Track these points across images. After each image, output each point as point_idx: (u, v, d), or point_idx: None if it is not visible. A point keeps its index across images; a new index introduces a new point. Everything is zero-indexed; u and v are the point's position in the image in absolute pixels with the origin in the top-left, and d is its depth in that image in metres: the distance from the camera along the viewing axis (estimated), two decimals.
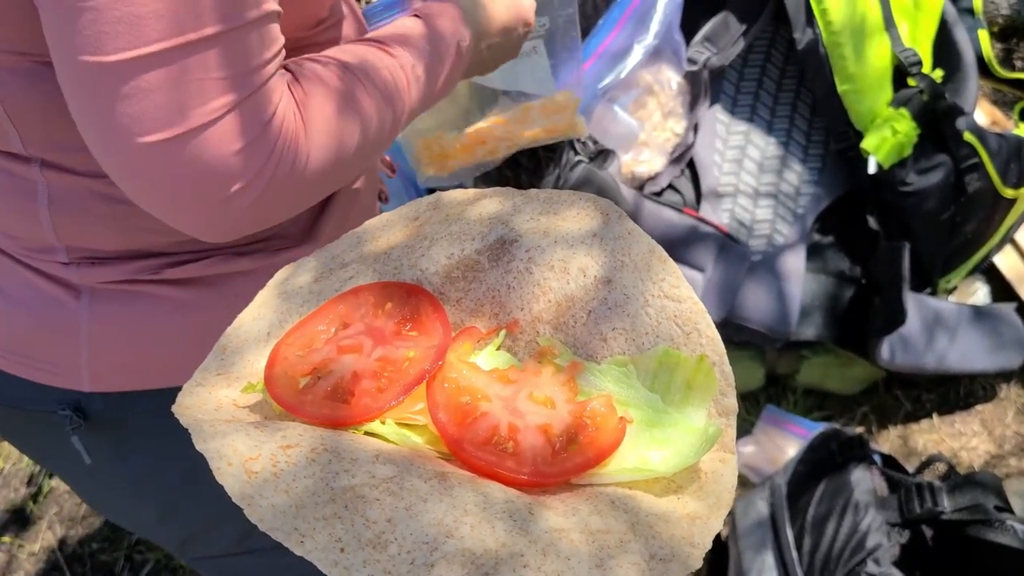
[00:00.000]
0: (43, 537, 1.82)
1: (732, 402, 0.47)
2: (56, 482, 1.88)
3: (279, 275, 0.54)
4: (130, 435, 0.85)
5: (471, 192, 0.55)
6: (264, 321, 0.52)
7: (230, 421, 0.45)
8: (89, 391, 0.81)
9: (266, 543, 0.99)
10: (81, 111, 0.60)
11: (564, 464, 0.44)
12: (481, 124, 1.12)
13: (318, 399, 0.47)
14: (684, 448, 0.44)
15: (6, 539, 1.82)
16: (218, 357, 0.51)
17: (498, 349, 0.50)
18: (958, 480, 1.26)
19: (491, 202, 0.54)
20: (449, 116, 1.12)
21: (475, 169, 1.16)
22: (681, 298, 0.48)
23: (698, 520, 0.42)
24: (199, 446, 0.42)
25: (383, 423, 0.46)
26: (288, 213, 0.69)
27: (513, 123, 1.11)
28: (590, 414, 0.45)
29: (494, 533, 0.39)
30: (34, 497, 1.86)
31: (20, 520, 1.85)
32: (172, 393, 0.82)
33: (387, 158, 1.16)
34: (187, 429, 0.44)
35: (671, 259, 0.49)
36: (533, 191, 0.54)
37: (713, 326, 0.48)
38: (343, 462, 0.41)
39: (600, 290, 0.49)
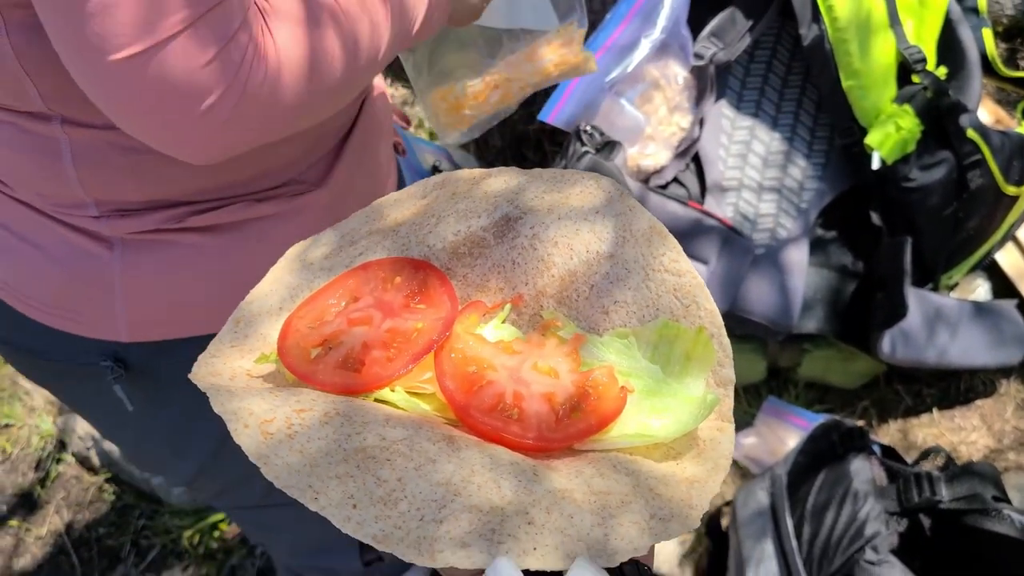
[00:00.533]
0: (50, 521, 1.84)
1: (730, 373, 0.48)
2: (64, 467, 1.90)
3: (291, 251, 0.56)
4: (167, 384, 0.88)
5: (478, 171, 0.57)
6: (276, 295, 0.53)
7: (246, 388, 0.47)
8: (127, 341, 0.84)
9: (287, 496, 1.03)
10: (56, 37, 0.62)
11: (567, 430, 0.45)
12: (491, 70, 1.12)
13: (330, 368, 0.48)
14: (683, 416, 0.46)
15: (14, 523, 1.84)
16: (232, 329, 0.52)
17: (503, 322, 0.52)
18: (956, 470, 1.27)
19: (497, 180, 0.55)
20: (461, 66, 1.12)
21: (492, 119, 1.16)
22: (681, 272, 0.50)
23: (696, 483, 0.44)
24: (217, 409, 0.44)
25: (393, 391, 0.48)
26: (270, 133, 0.70)
27: (522, 63, 1.10)
28: (592, 383, 0.47)
29: (500, 491, 0.40)
30: (42, 482, 1.88)
31: (28, 504, 1.86)
32: (204, 341, 0.86)
33: (400, 110, 1.17)
34: None
35: (671, 235, 0.51)
36: (538, 170, 0.56)
37: (711, 299, 0.49)
38: (355, 425, 0.43)
39: (602, 265, 0.51)
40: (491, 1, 0.94)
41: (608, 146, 1.48)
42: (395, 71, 2.24)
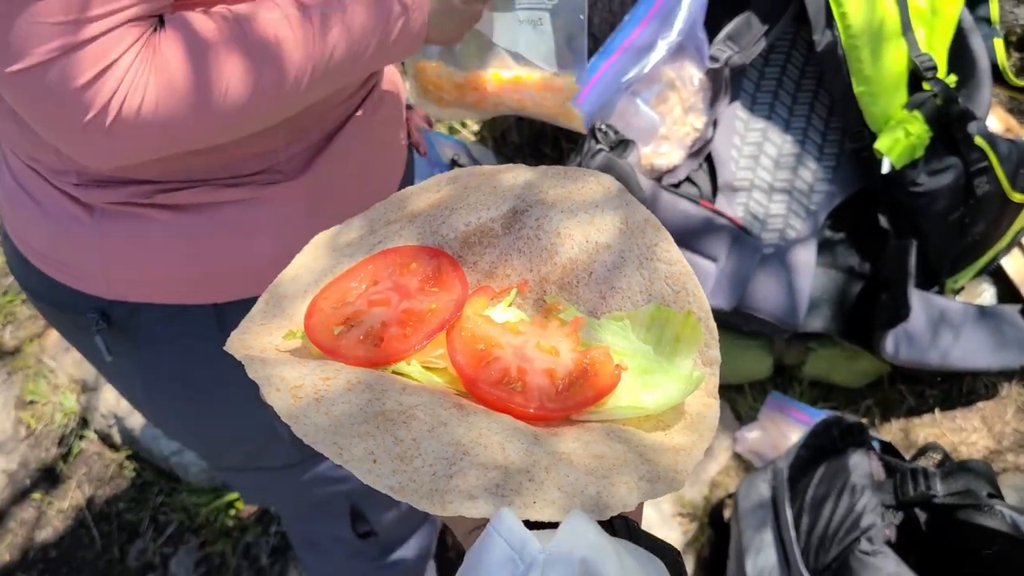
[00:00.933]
0: (72, 496, 1.88)
1: (715, 353, 0.53)
2: (86, 444, 1.95)
3: (318, 237, 0.61)
4: (143, 342, 0.94)
5: (489, 168, 0.62)
6: (303, 279, 0.58)
7: (279, 358, 0.52)
8: (110, 299, 0.91)
9: (272, 463, 1.10)
10: None
11: (566, 401, 0.50)
12: (479, 72, 1.11)
13: (352, 344, 0.53)
14: (672, 391, 0.50)
15: (36, 496, 1.88)
16: (262, 309, 0.57)
17: (510, 305, 0.56)
18: (952, 467, 1.31)
19: (507, 176, 0.60)
20: (450, 51, 1.12)
21: (467, 112, 1.17)
22: (672, 261, 0.54)
23: (682, 452, 0.48)
24: (251, 375, 0.49)
25: (409, 364, 0.53)
26: (156, 150, 0.76)
27: (507, 85, 1.09)
28: (590, 361, 0.52)
29: (504, 452, 0.45)
30: (64, 457, 1.93)
31: (50, 479, 1.91)
32: (177, 311, 0.92)
33: (421, 110, 1.17)
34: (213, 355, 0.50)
35: (664, 227, 0.55)
36: (544, 167, 0.60)
37: (699, 286, 0.54)
38: (375, 392, 0.48)
39: (601, 254, 0.56)
40: (496, 19, 0.95)
41: (622, 144, 1.52)
42: None
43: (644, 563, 0.42)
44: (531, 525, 0.42)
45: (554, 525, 0.42)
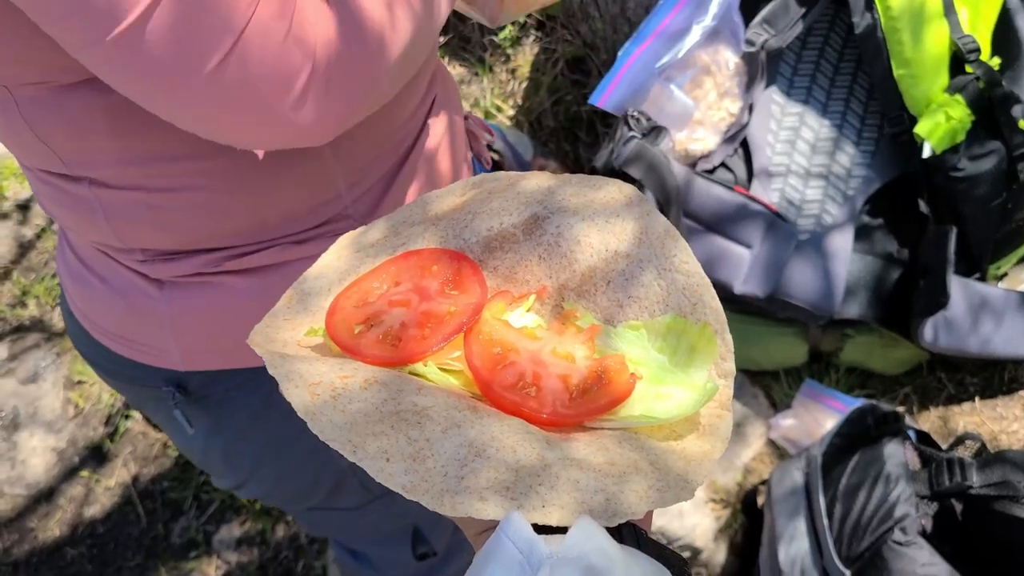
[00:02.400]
0: (118, 474, 1.93)
1: (731, 366, 0.53)
2: (132, 423, 2.00)
3: (343, 238, 0.62)
4: (223, 409, 0.93)
5: (514, 173, 0.62)
6: (326, 278, 0.60)
7: (296, 355, 0.53)
8: (184, 370, 0.88)
9: (346, 503, 1.08)
10: (131, 87, 0.64)
11: (579, 408, 0.51)
12: None
13: (371, 343, 0.54)
14: (685, 401, 0.51)
15: (84, 474, 1.94)
16: (286, 305, 0.59)
17: (528, 310, 0.57)
18: (988, 457, 1.29)
19: (530, 182, 0.61)
20: None
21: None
22: (690, 272, 0.55)
23: (694, 461, 0.49)
24: (271, 371, 0.50)
25: (425, 365, 0.54)
26: (371, 92, 0.70)
27: None
28: (605, 369, 0.52)
29: (516, 456, 0.46)
30: (111, 436, 1.98)
31: (98, 457, 1.96)
32: (253, 373, 0.89)
33: (485, 123, 1.13)
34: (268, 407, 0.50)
35: (682, 238, 0.55)
36: (568, 175, 0.61)
37: (717, 298, 0.54)
38: (391, 391, 0.49)
39: (620, 263, 0.56)
40: None
41: (654, 131, 1.51)
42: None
43: (651, 571, 0.43)
44: (540, 529, 0.43)
45: (563, 530, 0.43)
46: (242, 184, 0.78)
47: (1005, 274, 1.78)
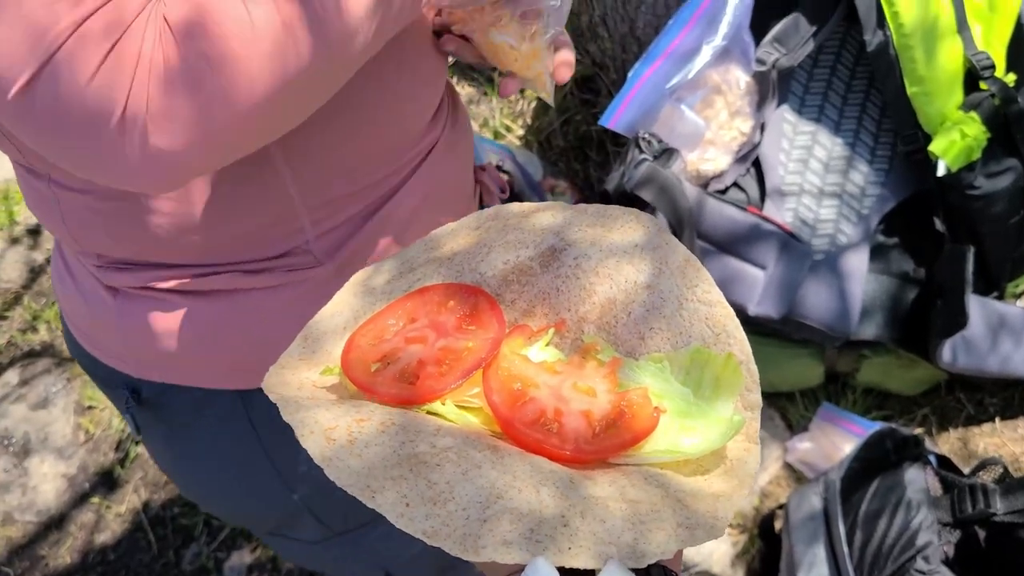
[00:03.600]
0: (129, 500, 1.92)
1: (757, 397, 0.52)
2: (142, 448, 1.98)
3: (357, 276, 0.61)
4: (173, 421, 0.92)
5: (528, 205, 0.61)
6: (341, 316, 0.58)
7: (311, 398, 0.52)
8: (138, 377, 0.88)
9: (303, 536, 1.06)
10: None
11: (602, 444, 0.49)
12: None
13: (388, 381, 0.53)
14: (711, 435, 0.49)
15: (95, 500, 1.92)
16: (300, 345, 0.58)
17: (547, 344, 0.56)
18: (1012, 483, 1.27)
19: (545, 215, 0.59)
20: None
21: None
22: (712, 302, 0.53)
23: (722, 497, 0.47)
24: (286, 418, 0.49)
25: (443, 404, 0.52)
26: (214, 137, 0.59)
27: (486, 14, 0.81)
28: (628, 403, 0.51)
29: (539, 496, 0.44)
30: (121, 462, 1.96)
31: (108, 483, 1.95)
32: (205, 393, 0.86)
33: (501, 179, 1.04)
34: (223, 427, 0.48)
35: (704, 268, 0.54)
36: (583, 205, 0.60)
37: (741, 328, 0.52)
38: (408, 434, 0.47)
39: (640, 294, 0.55)
40: None
41: (665, 153, 1.50)
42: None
43: None
44: (566, 572, 0.41)
45: (590, 572, 0.42)
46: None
47: (1023, 292, 1.76)
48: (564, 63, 0.87)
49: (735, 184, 1.68)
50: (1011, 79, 1.55)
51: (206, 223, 0.75)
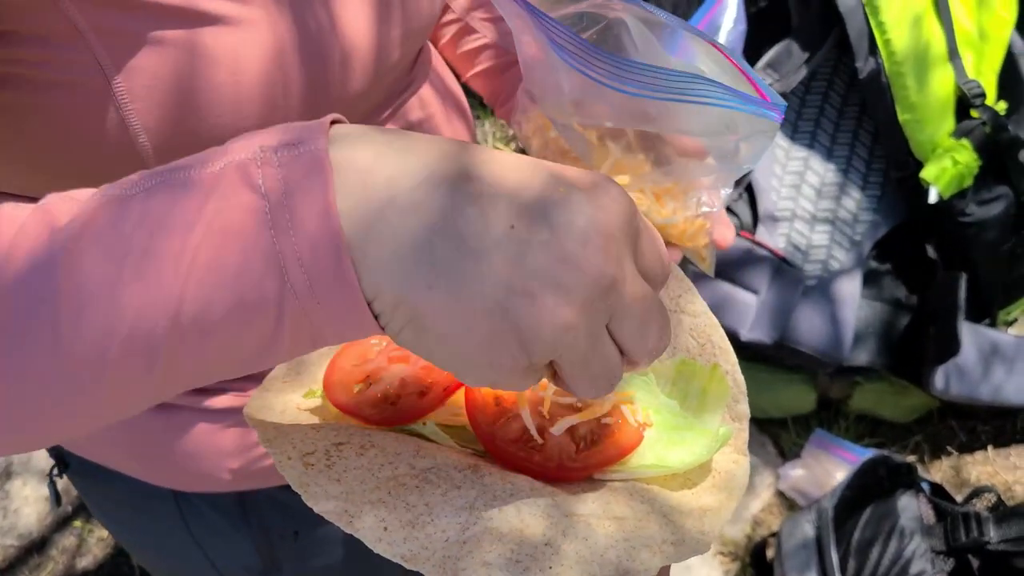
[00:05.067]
0: None
1: (744, 408, 0.50)
2: None
3: None
4: (101, 506, 0.88)
5: None
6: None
7: (291, 424, 0.50)
8: (63, 446, 0.84)
9: None
10: None
11: (587, 460, 0.48)
12: (617, 155, 0.72)
13: (370, 402, 0.52)
14: (698, 448, 0.48)
15: (77, 523, 1.89)
16: (286, 367, 0.57)
17: None
18: (1005, 511, 1.26)
19: None
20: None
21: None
22: (696, 312, 0.52)
23: (709, 512, 0.46)
24: (263, 444, 0.48)
25: (424, 424, 0.51)
26: None
27: (651, 189, 0.71)
28: (612, 418, 0.49)
29: (519, 516, 0.43)
30: None
31: None
32: (119, 480, 0.81)
33: None
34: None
35: (687, 278, 0.53)
36: None
37: (726, 338, 0.51)
38: (388, 456, 0.46)
39: None
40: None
41: None
42: None
43: None
44: None
45: None
46: None
47: (1015, 320, 1.76)
48: (724, 224, 0.79)
49: (728, 209, 1.67)
50: (1002, 107, 1.55)
51: None
